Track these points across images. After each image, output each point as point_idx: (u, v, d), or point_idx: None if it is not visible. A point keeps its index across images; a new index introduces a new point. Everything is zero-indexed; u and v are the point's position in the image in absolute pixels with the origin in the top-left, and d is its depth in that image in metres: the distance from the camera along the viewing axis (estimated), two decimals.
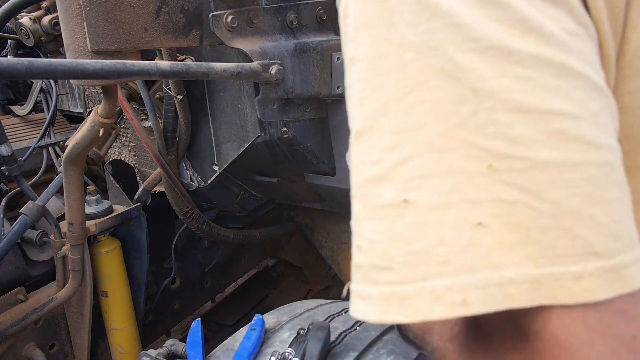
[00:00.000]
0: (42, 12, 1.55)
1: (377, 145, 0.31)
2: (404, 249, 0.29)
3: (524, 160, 0.28)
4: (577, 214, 0.27)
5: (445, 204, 0.28)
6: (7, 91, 1.99)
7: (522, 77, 0.28)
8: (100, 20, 0.96)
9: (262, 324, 1.07)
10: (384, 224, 0.30)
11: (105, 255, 1.56)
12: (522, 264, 0.27)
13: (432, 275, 0.28)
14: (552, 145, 0.28)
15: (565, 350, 0.27)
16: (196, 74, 0.93)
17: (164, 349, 1.16)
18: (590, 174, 0.28)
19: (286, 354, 0.91)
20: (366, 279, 0.31)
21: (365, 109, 0.32)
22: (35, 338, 1.52)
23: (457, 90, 0.29)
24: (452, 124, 0.29)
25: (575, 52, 0.30)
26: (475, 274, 0.27)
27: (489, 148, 0.28)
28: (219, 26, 1.06)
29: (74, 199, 1.37)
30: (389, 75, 0.30)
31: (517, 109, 0.28)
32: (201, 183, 1.56)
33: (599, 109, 0.30)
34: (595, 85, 0.30)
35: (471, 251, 0.28)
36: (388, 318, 0.29)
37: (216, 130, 1.44)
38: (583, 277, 0.27)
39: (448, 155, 0.28)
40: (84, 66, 0.76)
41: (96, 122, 1.18)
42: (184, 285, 2.01)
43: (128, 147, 1.80)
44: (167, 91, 1.41)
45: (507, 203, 0.28)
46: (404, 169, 0.29)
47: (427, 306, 0.28)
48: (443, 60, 0.29)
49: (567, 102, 0.29)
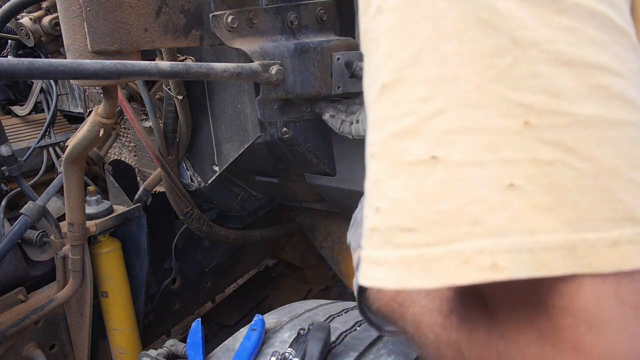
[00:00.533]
0: (42, 12, 1.55)
1: (408, 97, 0.29)
2: (431, 208, 0.27)
3: (566, 115, 0.26)
4: (618, 176, 0.26)
5: (477, 162, 0.27)
6: (7, 91, 1.99)
7: (566, 27, 0.27)
8: (100, 20, 0.96)
9: (262, 324, 1.07)
10: (411, 182, 0.28)
11: (105, 255, 1.56)
12: (558, 229, 0.25)
13: (462, 236, 0.26)
14: (595, 101, 0.26)
15: (593, 326, 0.25)
16: (196, 74, 0.93)
17: (164, 349, 1.16)
18: (632, 135, 0.27)
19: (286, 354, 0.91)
20: (386, 242, 0.28)
21: (395, 59, 0.29)
22: (35, 338, 1.52)
23: (495, 41, 0.27)
24: (488, 77, 0.27)
25: (617, 7, 0.28)
26: (508, 236, 0.26)
27: (527, 103, 0.26)
28: (219, 26, 1.06)
29: (74, 199, 1.37)
30: (422, 23, 0.28)
31: (560, 61, 0.26)
32: (201, 183, 1.56)
33: (637, 69, 0.29)
34: (634, 45, 0.29)
35: (504, 213, 0.26)
36: (410, 283, 0.27)
37: (216, 130, 1.44)
38: (619, 244, 0.25)
39: (483, 111, 0.27)
40: (84, 66, 0.76)
41: (96, 122, 1.18)
42: (184, 285, 2.01)
43: (128, 147, 1.80)
44: (167, 91, 1.41)
45: (544, 163, 0.26)
46: (435, 123, 0.28)
47: (455, 270, 0.26)
48: (481, 7, 0.27)
49: (610, 58, 0.27)
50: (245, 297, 2.47)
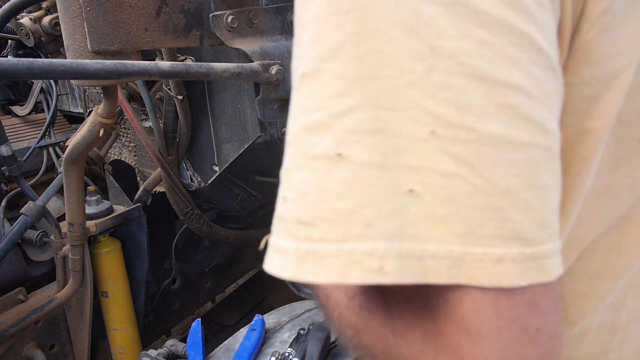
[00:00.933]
0: (42, 12, 1.55)
1: (322, 91, 0.28)
2: (329, 205, 0.27)
3: (470, 130, 0.26)
4: (512, 196, 0.26)
5: (380, 165, 0.27)
6: (7, 91, 1.99)
7: (484, 41, 0.27)
8: (100, 20, 0.96)
9: (262, 324, 1.07)
10: (315, 176, 0.28)
11: (105, 255, 1.56)
12: (447, 240, 0.26)
13: (354, 237, 0.26)
14: (501, 120, 0.26)
15: (470, 335, 0.27)
16: (196, 74, 0.93)
17: (164, 349, 1.16)
18: (532, 157, 0.27)
19: (286, 354, 0.91)
20: (286, 232, 0.29)
21: (317, 49, 0.29)
22: (35, 338, 1.52)
23: (415, 45, 0.26)
24: (404, 81, 0.27)
25: (540, 25, 0.28)
26: (398, 242, 0.26)
27: (437, 113, 0.26)
28: (219, 26, 1.06)
29: (74, 199, 1.37)
30: (347, 16, 0.28)
31: (472, 75, 0.26)
32: (201, 183, 1.56)
33: (551, 91, 0.29)
34: (552, 67, 0.29)
35: (398, 218, 0.26)
36: (301, 276, 0.27)
37: (216, 130, 1.44)
38: (503, 261, 0.26)
39: (394, 114, 0.27)
40: (84, 66, 0.76)
41: (96, 122, 1.18)
42: (184, 285, 2.01)
43: (128, 147, 1.80)
44: (167, 91, 1.41)
45: (444, 174, 0.26)
46: (345, 120, 0.27)
47: (342, 269, 0.26)
48: (407, 9, 0.27)
49: (524, 77, 0.27)
50: (245, 297, 2.47)
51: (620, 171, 0.39)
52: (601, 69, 0.33)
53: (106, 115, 1.17)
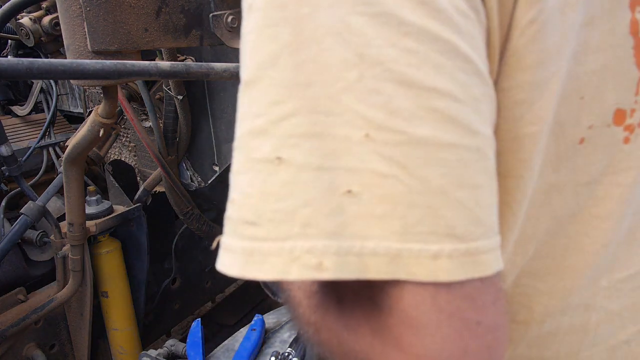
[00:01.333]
0: (42, 12, 1.55)
1: (262, 98, 0.30)
2: (271, 206, 0.28)
3: (401, 133, 0.28)
4: (443, 194, 0.28)
5: (319, 167, 0.28)
6: (7, 91, 1.99)
7: (410, 49, 0.28)
8: (100, 20, 0.96)
9: (262, 324, 1.07)
10: (257, 179, 0.29)
11: (105, 255, 1.56)
12: (386, 237, 0.27)
13: (294, 235, 0.28)
14: (429, 122, 0.28)
15: (412, 328, 0.28)
16: (196, 74, 0.93)
17: (164, 349, 1.16)
18: (462, 157, 0.29)
19: (286, 354, 0.91)
20: (234, 232, 0.30)
21: (256, 59, 0.30)
22: (35, 338, 1.52)
23: (345, 54, 0.28)
24: (338, 88, 0.28)
25: (464, 34, 0.30)
26: (337, 240, 0.27)
27: (369, 117, 0.28)
28: (219, 26, 1.06)
29: (74, 199, 1.37)
30: (283, 27, 0.29)
31: (400, 81, 0.28)
32: (201, 183, 1.57)
33: (478, 95, 0.30)
34: (478, 71, 0.30)
35: (337, 217, 0.28)
36: (248, 273, 0.28)
37: (216, 130, 1.44)
38: (440, 257, 0.27)
39: (330, 118, 0.28)
40: (84, 66, 0.76)
41: (96, 122, 1.19)
42: (184, 285, 2.01)
43: (128, 147, 1.80)
44: (167, 91, 1.41)
45: (380, 175, 0.27)
46: (283, 125, 0.29)
47: (284, 266, 0.28)
48: (336, 20, 0.28)
49: (449, 82, 0.29)
50: (245, 297, 2.47)
51: (563, 171, 0.42)
52: (533, 75, 0.35)
53: (106, 115, 1.17)
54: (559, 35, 0.35)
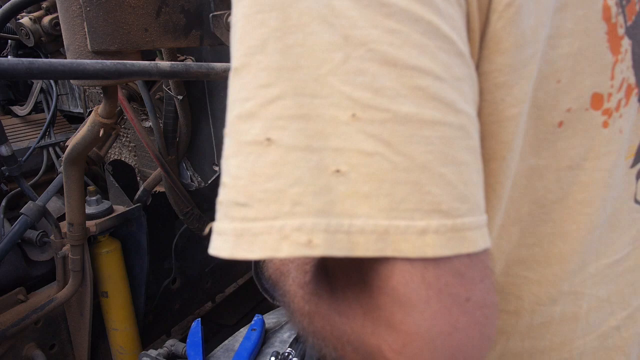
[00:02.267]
0: (42, 12, 1.56)
1: (251, 82, 0.30)
2: (261, 186, 0.29)
3: (385, 111, 0.28)
4: (428, 171, 0.28)
5: (307, 148, 0.28)
6: (7, 91, 1.99)
7: (392, 29, 0.29)
8: (100, 20, 0.96)
9: (262, 324, 1.07)
10: (247, 161, 0.30)
11: (105, 255, 1.56)
12: (373, 215, 0.28)
13: (283, 214, 0.28)
14: (412, 100, 0.28)
15: (402, 305, 0.28)
16: (196, 74, 0.93)
17: (164, 349, 1.16)
18: (445, 134, 0.29)
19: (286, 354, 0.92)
20: (225, 215, 0.30)
21: (245, 45, 0.31)
22: (35, 338, 1.52)
23: (331, 37, 0.29)
24: (324, 70, 0.29)
25: (445, 15, 0.31)
26: (326, 218, 0.28)
27: (354, 97, 0.28)
28: (219, 26, 1.06)
29: (74, 199, 1.37)
30: (270, 14, 0.30)
31: (384, 61, 0.29)
32: (201, 183, 1.57)
33: (460, 75, 0.31)
34: (460, 52, 0.31)
35: (325, 196, 0.28)
36: (238, 253, 0.29)
37: (216, 130, 1.44)
38: (426, 233, 0.28)
39: (317, 100, 0.29)
40: (84, 66, 0.76)
41: (96, 122, 1.19)
42: (184, 285, 2.01)
43: (128, 147, 1.80)
44: (167, 91, 1.41)
45: (366, 154, 0.28)
46: (272, 108, 0.29)
47: (274, 244, 0.28)
48: (322, 4, 0.29)
49: (431, 62, 0.29)
50: (245, 297, 2.47)
51: (543, 154, 0.42)
52: (511, 58, 0.36)
53: (106, 115, 1.17)
54: (534, 19, 0.36)
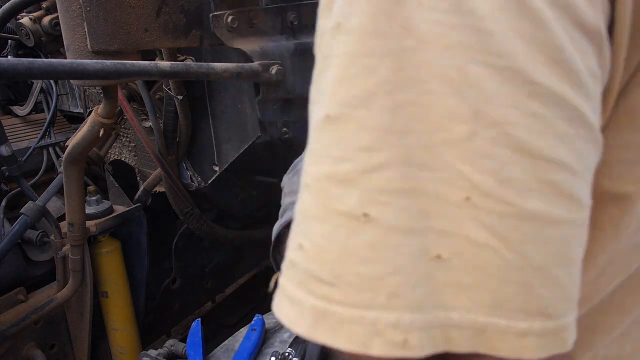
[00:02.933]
0: (42, 12, 1.56)
1: (350, 140, 0.26)
2: (353, 269, 0.26)
3: (509, 205, 0.25)
4: (543, 273, 0.26)
5: (409, 229, 0.25)
6: (7, 91, 1.99)
7: (534, 113, 0.25)
8: (100, 20, 0.96)
9: (262, 324, 1.07)
10: (338, 234, 0.26)
11: (105, 255, 1.56)
12: (472, 309, 0.25)
13: (378, 305, 0.25)
14: (542, 197, 0.25)
15: None
16: (196, 74, 0.93)
17: (164, 349, 1.16)
18: (568, 234, 0.27)
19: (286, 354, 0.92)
20: (301, 283, 0.27)
21: (344, 92, 0.27)
22: (35, 338, 1.52)
23: (456, 105, 0.25)
24: (440, 140, 0.25)
25: (592, 98, 0.27)
26: (423, 312, 0.25)
27: (474, 180, 0.25)
28: (219, 26, 1.06)
29: (74, 199, 1.37)
30: (382, 60, 0.25)
31: (518, 148, 0.25)
32: (201, 183, 1.56)
33: (592, 164, 0.28)
34: (596, 139, 0.28)
35: (424, 286, 0.25)
36: (317, 336, 0.26)
37: (216, 130, 1.44)
38: (527, 335, 0.26)
39: (427, 174, 0.25)
40: (84, 66, 0.76)
41: (96, 122, 1.19)
42: (184, 285, 2.01)
43: (128, 147, 1.80)
44: (167, 91, 1.41)
45: (475, 243, 0.25)
46: (374, 177, 0.26)
47: (364, 338, 0.25)
48: (450, 64, 0.25)
49: (570, 154, 0.26)
50: (245, 297, 2.47)
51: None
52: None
53: (106, 115, 1.17)
54: None
